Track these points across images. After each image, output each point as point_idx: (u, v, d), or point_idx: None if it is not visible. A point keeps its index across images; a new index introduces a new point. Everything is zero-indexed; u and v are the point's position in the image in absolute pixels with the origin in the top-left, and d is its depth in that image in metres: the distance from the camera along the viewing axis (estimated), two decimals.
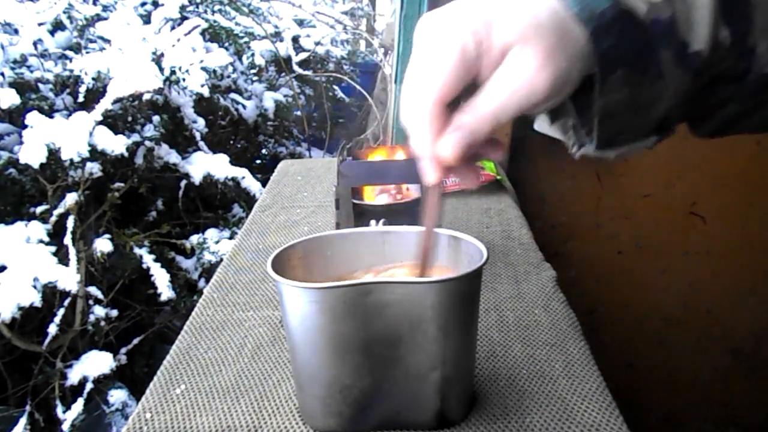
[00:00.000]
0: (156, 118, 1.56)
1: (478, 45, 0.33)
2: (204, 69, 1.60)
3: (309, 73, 2.30)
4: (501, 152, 0.39)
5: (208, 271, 1.57)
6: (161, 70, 1.43)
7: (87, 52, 1.60)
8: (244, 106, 1.93)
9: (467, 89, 0.35)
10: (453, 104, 0.35)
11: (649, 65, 0.34)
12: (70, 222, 1.31)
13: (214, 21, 1.88)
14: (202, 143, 1.69)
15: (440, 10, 0.34)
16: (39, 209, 1.35)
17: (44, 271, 1.19)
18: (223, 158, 1.64)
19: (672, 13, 0.33)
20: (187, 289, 1.59)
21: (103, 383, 1.37)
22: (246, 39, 1.96)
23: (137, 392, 1.41)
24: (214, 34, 1.88)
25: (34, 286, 1.16)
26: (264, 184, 1.22)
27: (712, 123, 0.40)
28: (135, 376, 1.51)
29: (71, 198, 1.32)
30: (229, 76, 1.91)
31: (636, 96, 0.35)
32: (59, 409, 1.30)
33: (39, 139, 1.23)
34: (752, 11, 0.34)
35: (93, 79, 1.40)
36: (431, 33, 0.34)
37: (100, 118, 1.30)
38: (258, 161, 2.24)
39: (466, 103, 0.35)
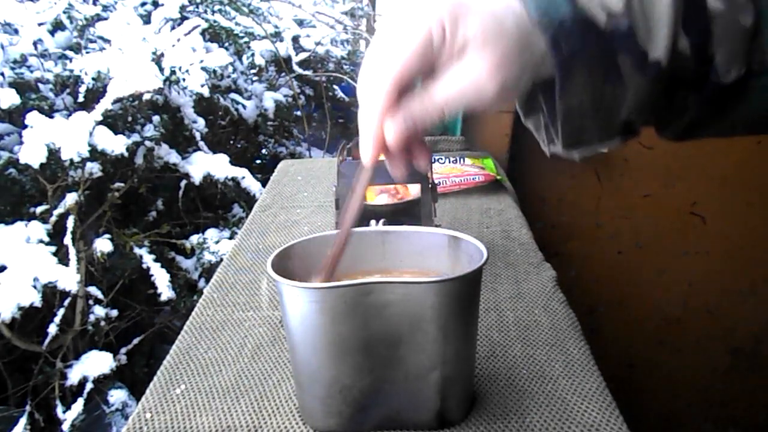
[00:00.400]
0: (156, 118, 1.55)
1: (442, 36, 0.34)
2: (204, 69, 1.59)
3: (309, 73, 2.29)
4: (427, 162, 0.41)
5: (208, 271, 1.57)
6: (161, 70, 1.43)
7: (87, 52, 1.60)
8: (244, 106, 1.92)
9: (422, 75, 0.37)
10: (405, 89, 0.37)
11: (610, 70, 0.35)
12: (70, 222, 1.31)
13: (214, 21, 1.88)
14: (202, 143, 1.69)
15: None
16: (39, 209, 1.35)
17: (44, 271, 1.19)
18: (223, 158, 1.63)
19: (630, 23, 0.34)
20: (187, 289, 1.58)
21: (103, 383, 1.36)
22: (246, 39, 1.96)
23: (137, 392, 1.41)
24: (214, 34, 1.87)
25: (34, 286, 1.16)
26: (264, 184, 1.22)
27: (674, 128, 0.41)
28: (135, 376, 1.51)
29: (71, 198, 1.32)
30: (229, 76, 1.91)
31: (597, 100, 0.36)
32: (59, 409, 1.29)
33: (39, 139, 1.23)
34: (711, 22, 0.34)
35: (93, 79, 1.40)
36: (403, 13, 0.36)
37: (100, 118, 1.30)
38: (258, 161, 2.24)
39: (418, 91, 0.37)
